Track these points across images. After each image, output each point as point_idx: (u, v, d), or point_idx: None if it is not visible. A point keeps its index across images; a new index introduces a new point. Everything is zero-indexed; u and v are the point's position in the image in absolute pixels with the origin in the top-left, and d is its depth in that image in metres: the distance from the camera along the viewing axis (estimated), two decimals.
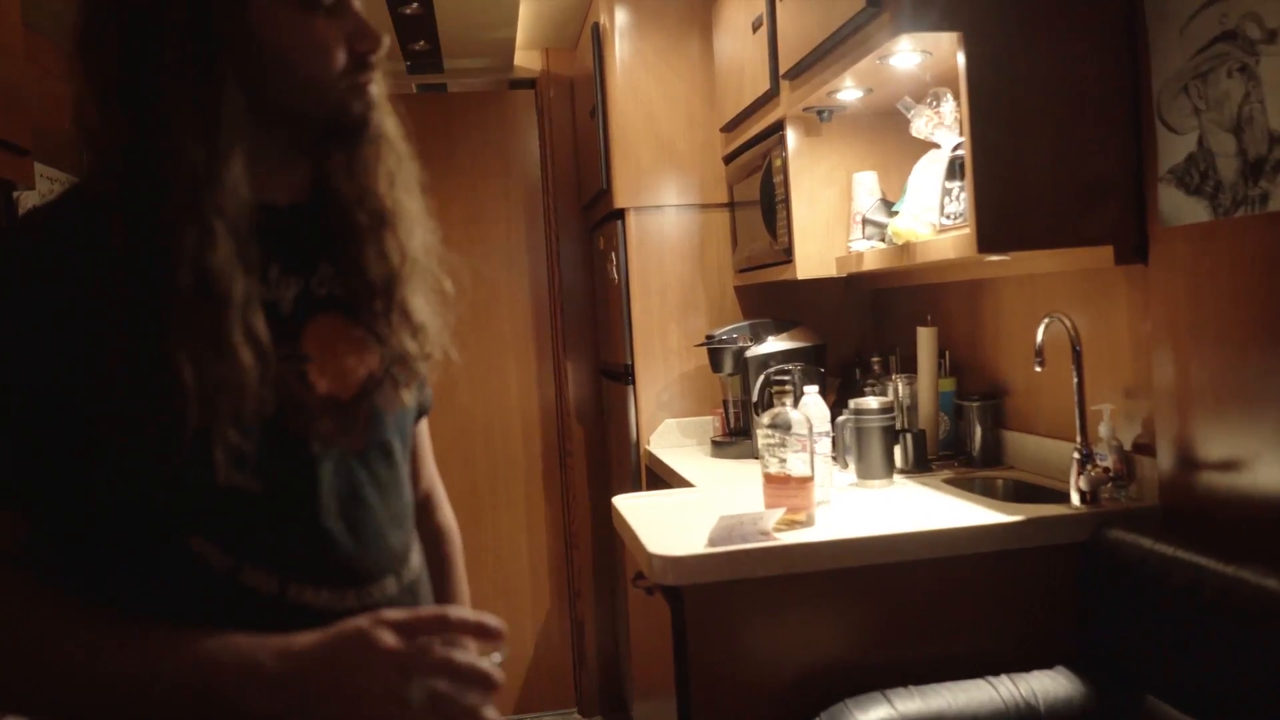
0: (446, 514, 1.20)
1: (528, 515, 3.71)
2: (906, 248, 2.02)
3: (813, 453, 1.91)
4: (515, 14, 3.07)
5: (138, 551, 0.82)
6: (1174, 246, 1.73)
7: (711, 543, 1.70)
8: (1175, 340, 1.73)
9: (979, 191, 1.74)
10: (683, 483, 2.44)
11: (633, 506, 2.12)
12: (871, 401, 2.20)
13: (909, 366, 2.51)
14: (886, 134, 2.47)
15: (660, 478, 2.80)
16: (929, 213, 1.99)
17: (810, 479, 1.84)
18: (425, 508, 1.17)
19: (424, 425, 1.18)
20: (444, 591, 1.13)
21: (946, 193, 1.93)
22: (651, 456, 2.91)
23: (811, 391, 2.21)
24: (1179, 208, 1.71)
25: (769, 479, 1.86)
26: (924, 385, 2.42)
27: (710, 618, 1.68)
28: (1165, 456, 1.78)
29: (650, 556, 1.69)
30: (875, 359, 2.66)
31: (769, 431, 1.85)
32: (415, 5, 2.90)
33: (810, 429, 1.85)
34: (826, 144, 2.46)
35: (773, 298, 2.97)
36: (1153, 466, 1.81)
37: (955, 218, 1.90)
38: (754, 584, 1.69)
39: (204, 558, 0.81)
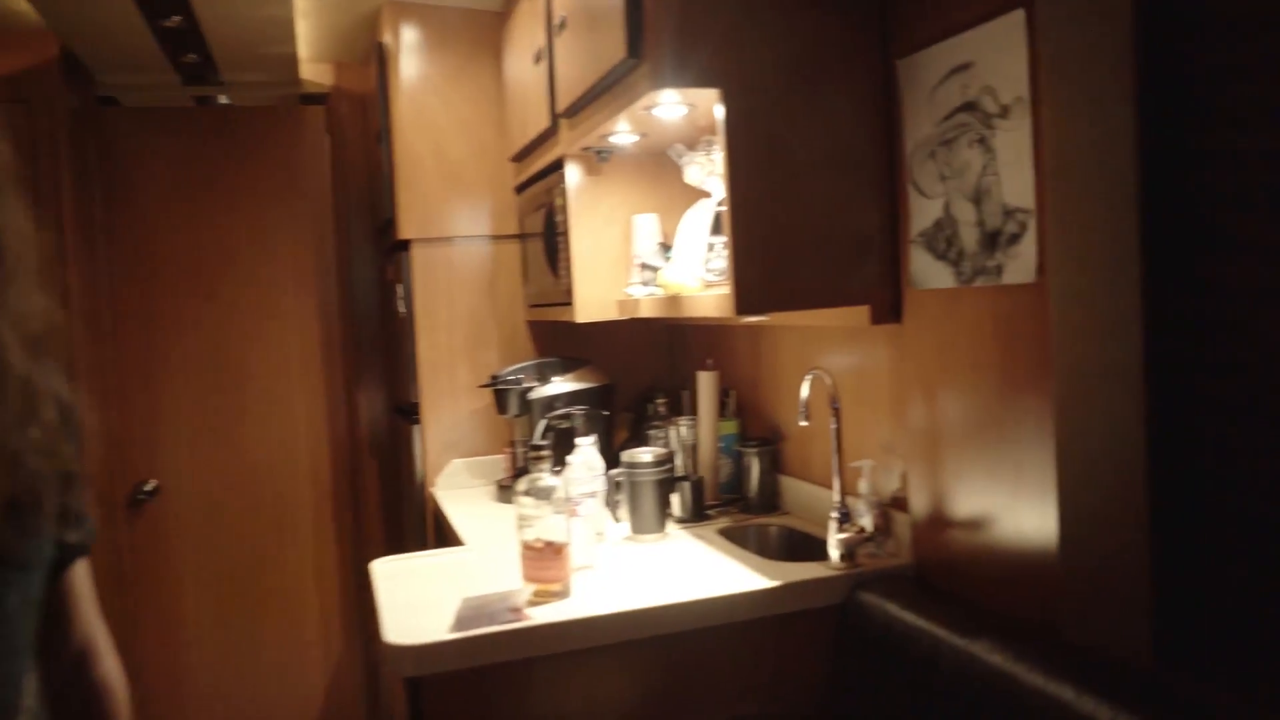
0: (109, 667, 1.04)
1: (317, 556, 3.50)
2: (675, 300, 1.97)
3: (582, 514, 1.83)
4: (292, 32, 2.87)
5: None
6: (925, 308, 1.74)
7: (457, 626, 1.59)
8: (927, 397, 1.75)
9: (737, 252, 1.70)
10: (457, 540, 2.32)
11: (389, 574, 1.98)
12: (644, 454, 2.14)
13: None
14: (670, 175, 2.42)
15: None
16: (697, 265, 1.94)
17: (566, 547, 1.76)
18: (83, 662, 1.02)
19: (82, 569, 1.01)
20: None
21: (710, 247, 1.89)
22: (436, 501, 2.77)
23: (585, 443, 2.14)
24: (928, 271, 1.72)
25: (525, 549, 1.77)
26: (704, 430, 2.39)
27: (454, 710, 1.57)
28: (917, 512, 1.79)
29: (385, 646, 1.57)
30: (660, 400, 2.62)
31: (525, 500, 1.76)
32: (177, 19, 2.66)
33: (569, 495, 1.77)
34: (608, 183, 2.40)
35: (566, 332, 2.89)
36: (908, 522, 1.83)
37: (718, 274, 1.86)
38: (502, 669, 1.59)
39: None
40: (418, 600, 1.78)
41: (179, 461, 3.32)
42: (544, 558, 1.75)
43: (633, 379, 2.97)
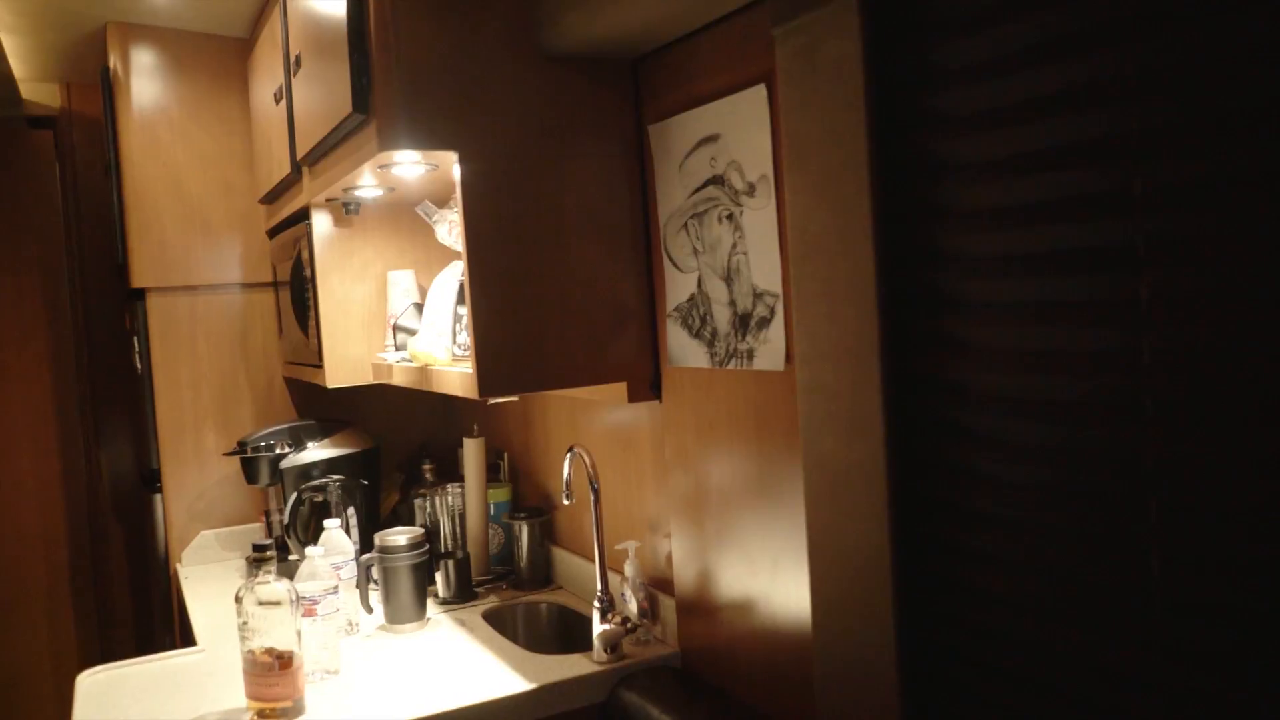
0: None
1: (53, 638, 3.09)
2: (425, 372, 1.80)
3: (322, 613, 1.64)
4: None
5: None
6: (683, 387, 1.66)
7: None
8: (689, 478, 1.66)
9: (479, 329, 1.55)
10: (190, 639, 2.06)
11: (93, 692, 1.72)
12: (400, 536, 1.96)
13: None
14: (428, 228, 2.25)
15: None
16: (446, 334, 1.79)
17: (294, 657, 1.56)
18: None
19: None
20: None
21: (458, 318, 1.74)
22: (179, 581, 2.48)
23: (333, 525, 1.94)
24: (684, 349, 1.63)
25: (249, 664, 1.56)
26: (472, 501, 2.23)
27: None
28: (683, 595, 1.70)
29: None
30: (427, 466, 2.44)
31: (248, 607, 1.55)
32: None
33: (297, 599, 1.58)
34: (361, 235, 2.20)
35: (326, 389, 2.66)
36: (675, 607, 1.74)
37: (465, 348, 1.72)
38: None
39: None
40: None
41: None
42: (269, 673, 1.55)
43: (404, 436, 2.77)
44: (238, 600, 1.56)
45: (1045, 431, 1.02)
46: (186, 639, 2.17)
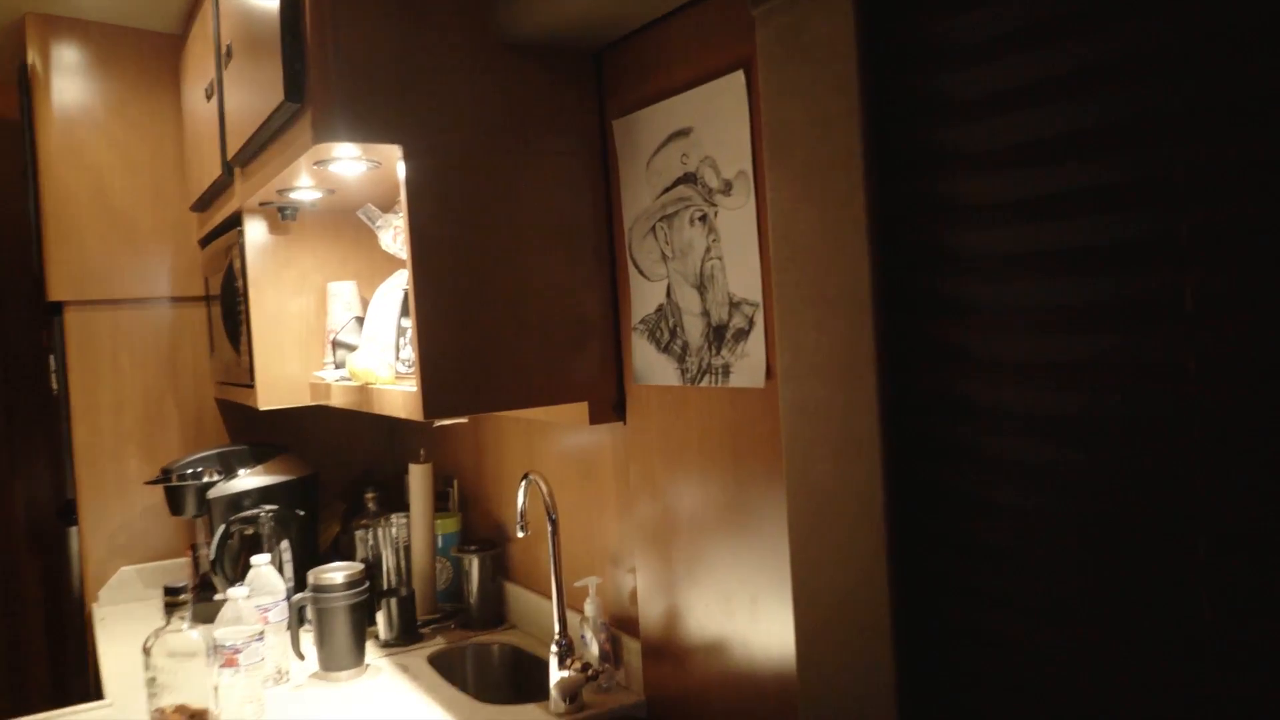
0: None
1: None
2: (365, 391, 1.63)
3: (244, 663, 1.46)
4: None
5: None
6: (649, 407, 1.51)
7: None
8: (656, 507, 1.51)
9: (424, 344, 1.39)
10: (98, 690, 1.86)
11: None
12: (336, 574, 1.78)
13: None
14: (372, 235, 2.09)
15: None
16: (389, 350, 1.62)
17: (209, 716, 1.38)
18: None
19: None
20: None
21: (402, 332, 1.58)
22: (95, 622, 2.27)
23: (261, 562, 1.76)
24: (652, 365, 1.48)
25: None
26: (417, 532, 2.06)
27: None
28: (649, 637, 1.55)
29: None
30: (370, 495, 2.26)
31: (156, 660, 1.36)
32: None
33: (215, 649, 1.40)
34: (298, 244, 2.03)
35: (264, 410, 2.47)
36: (640, 649, 1.58)
37: (410, 365, 1.55)
38: None
39: None
40: None
41: None
42: None
43: (346, 461, 2.59)
44: (145, 652, 1.38)
45: (1069, 455, 0.89)
46: (100, 687, 1.96)
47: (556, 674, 1.53)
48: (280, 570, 1.96)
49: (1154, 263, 0.81)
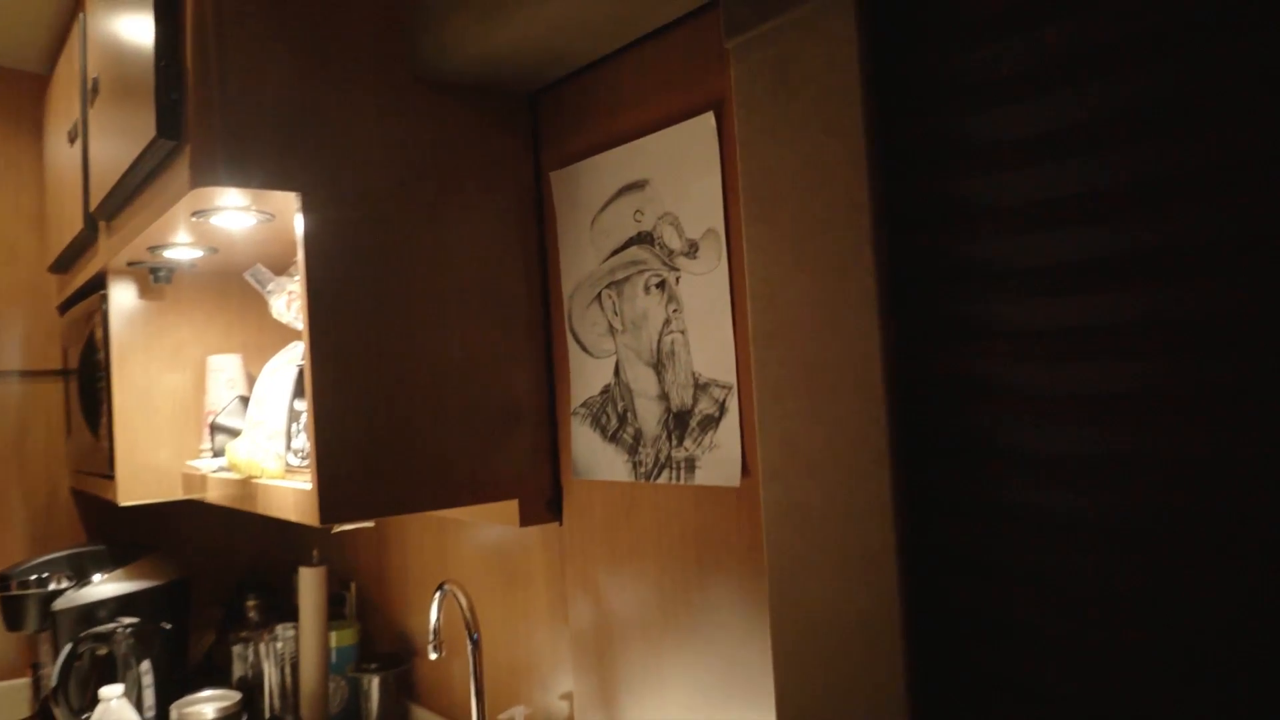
0: None
1: None
2: (249, 487, 1.36)
3: None
4: None
5: None
6: (592, 506, 1.28)
7: None
8: (598, 628, 1.27)
9: (322, 432, 1.14)
10: None
11: None
12: (207, 709, 1.48)
13: None
14: (262, 303, 1.83)
15: None
16: (278, 438, 1.36)
17: None
18: None
19: None
20: None
21: (295, 416, 1.32)
22: None
23: (113, 694, 1.44)
24: (595, 456, 1.26)
25: None
26: (307, 648, 1.76)
27: None
28: None
29: None
30: (252, 603, 1.95)
31: None
32: None
33: None
34: (174, 311, 1.75)
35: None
36: None
37: (304, 456, 1.29)
38: None
39: None
40: None
41: None
42: None
43: (226, 562, 2.26)
44: None
45: (1131, 570, 0.70)
46: None
47: None
48: (139, 699, 1.64)
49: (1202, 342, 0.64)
